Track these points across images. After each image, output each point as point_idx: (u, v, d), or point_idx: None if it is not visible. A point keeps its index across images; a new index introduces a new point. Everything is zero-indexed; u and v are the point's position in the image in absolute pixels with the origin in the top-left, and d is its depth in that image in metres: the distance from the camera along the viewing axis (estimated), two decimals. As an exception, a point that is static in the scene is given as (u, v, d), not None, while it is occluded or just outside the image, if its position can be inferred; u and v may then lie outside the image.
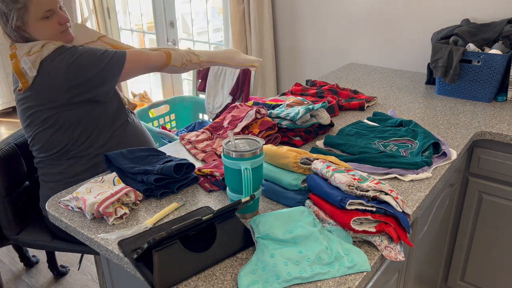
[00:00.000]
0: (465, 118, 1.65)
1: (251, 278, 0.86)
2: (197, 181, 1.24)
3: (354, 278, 0.88)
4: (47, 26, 1.41)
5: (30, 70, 1.36)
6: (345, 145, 1.37)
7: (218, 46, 3.40)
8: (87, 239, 1.05)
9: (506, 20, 1.83)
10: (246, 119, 1.46)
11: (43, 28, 1.40)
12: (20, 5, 1.35)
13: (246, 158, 0.99)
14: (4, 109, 4.44)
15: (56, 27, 1.42)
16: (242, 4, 2.72)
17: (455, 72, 1.78)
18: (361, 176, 1.00)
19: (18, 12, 1.36)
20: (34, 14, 1.37)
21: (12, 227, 1.63)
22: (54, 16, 1.42)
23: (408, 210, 0.98)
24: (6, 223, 1.63)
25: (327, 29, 2.53)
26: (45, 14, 1.39)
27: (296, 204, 1.08)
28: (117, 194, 1.09)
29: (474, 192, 1.68)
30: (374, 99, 1.83)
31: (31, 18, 1.38)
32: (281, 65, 2.85)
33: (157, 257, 0.86)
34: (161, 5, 3.41)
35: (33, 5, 1.36)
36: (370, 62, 2.45)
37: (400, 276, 1.24)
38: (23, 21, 1.38)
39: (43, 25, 1.40)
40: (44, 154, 1.50)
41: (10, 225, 1.63)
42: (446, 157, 1.33)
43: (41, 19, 1.39)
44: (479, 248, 1.76)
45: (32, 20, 1.38)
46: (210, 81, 2.74)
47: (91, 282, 2.22)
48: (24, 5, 1.36)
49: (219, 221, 0.95)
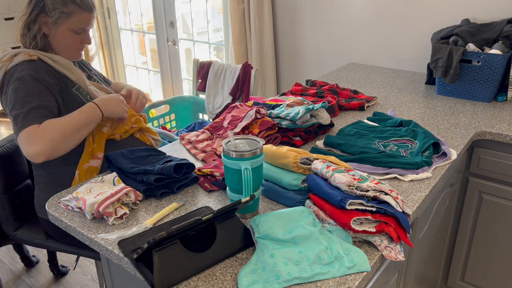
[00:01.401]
0: (465, 118, 1.65)
1: (251, 278, 0.86)
2: (197, 181, 1.24)
3: (354, 278, 0.88)
4: (71, 39, 1.47)
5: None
6: (345, 145, 1.37)
7: (218, 46, 3.40)
8: (87, 239, 1.05)
9: (506, 20, 1.83)
10: (246, 119, 1.46)
11: (66, 39, 1.46)
12: (66, 10, 1.41)
13: (246, 158, 0.99)
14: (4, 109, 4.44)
15: (77, 43, 1.49)
16: (242, 4, 2.72)
17: (455, 72, 1.78)
18: (361, 176, 1.00)
19: (61, 14, 1.41)
20: (71, 24, 1.44)
21: (10, 223, 1.66)
22: (82, 35, 1.49)
23: (408, 210, 0.98)
24: (4, 219, 1.66)
25: (327, 29, 2.53)
26: (78, 30, 1.46)
27: (296, 204, 1.08)
28: (117, 194, 1.09)
29: (474, 192, 1.68)
30: (374, 99, 1.83)
31: (65, 26, 1.43)
32: (281, 65, 2.85)
33: (157, 257, 0.86)
34: (161, 5, 3.41)
35: (76, 18, 1.43)
36: (370, 62, 2.45)
37: (400, 276, 1.24)
38: (57, 23, 1.42)
39: (69, 36, 1.46)
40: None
41: (8, 221, 1.66)
42: (446, 157, 1.33)
43: (72, 31, 1.45)
44: (479, 248, 1.76)
45: (64, 28, 1.44)
46: (210, 81, 2.74)
47: (91, 282, 2.22)
48: (70, 13, 1.42)
49: (219, 221, 0.95)
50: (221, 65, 2.70)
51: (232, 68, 2.63)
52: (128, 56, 4.12)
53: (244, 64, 2.54)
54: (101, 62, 4.20)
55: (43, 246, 1.66)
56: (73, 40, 1.47)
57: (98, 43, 4.10)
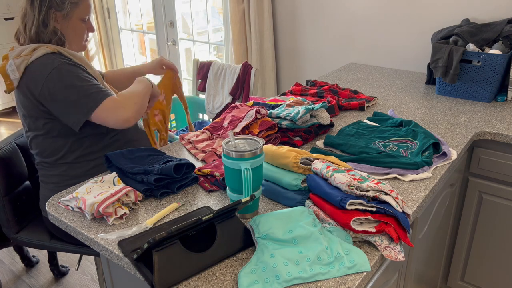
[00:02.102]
0: (465, 118, 1.65)
1: (251, 278, 0.86)
2: (197, 181, 1.24)
3: (354, 278, 0.88)
4: (81, 29, 1.51)
5: (13, 73, 1.38)
6: (345, 145, 1.37)
7: (218, 46, 3.40)
8: (87, 239, 1.05)
9: (506, 20, 1.83)
10: (246, 119, 1.46)
11: (78, 29, 1.50)
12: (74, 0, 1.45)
13: (246, 158, 0.99)
14: (4, 109, 4.44)
15: (85, 33, 1.54)
16: (242, 4, 2.72)
17: (455, 72, 1.78)
18: (361, 176, 1.00)
19: (71, 5, 1.44)
20: (80, 13, 1.48)
21: (11, 226, 1.64)
22: (88, 23, 1.54)
23: (408, 210, 0.98)
24: (5, 222, 1.63)
25: (327, 29, 2.53)
26: (85, 18, 1.51)
27: (296, 204, 1.08)
28: (117, 194, 1.09)
29: (474, 192, 1.68)
30: (374, 99, 1.83)
31: (76, 16, 1.48)
32: (281, 65, 2.85)
33: (157, 257, 0.86)
34: (161, 5, 3.41)
35: (83, 5, 1.48)
36: (370, 62, 2.45)
37: (400, 276, 1.24)
38: (68, 14, 1.45)
39: (80, 26, 1.51)
40: (42, 159, 1.50)
41: (9, 224, 1.64)
42: (446, 157, 1.33)
43: (81, 20, 1.50)
44: (479, 248, 1.76)
45: (76, 18, 1.48)
46: (210, 81, 2.74)
47: (91, 282, 2.22)
48: (77, 2, 1.46)
49: (219, 221, 0.95)
50: (221, 65, 2.70)
51: (232, 68, 2.62)
52: (128, 56, 4.12)
53: (244, 64, 2.54)
54: (101, 62, 4.20)
55: (46, 247, 1.64)
56: (82, 30, 1.52)
57: (98, 43, 4.10)
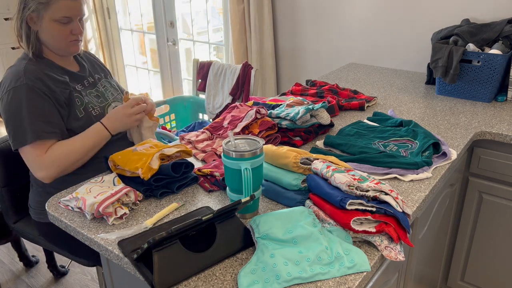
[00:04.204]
0: (465, 118, 1.65)
1: (251, 278, 0.86)
2: (197, 181, 1.24)
3: (354, 278, 0.88)
4: (58, 30, 1.41)
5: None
6: (345, 145, 1.37)
7: (218, 46, 3.40)
8: (87, 239, 1.05)
9: (506, 20, 1.83)
10: (246, 119, 1.46)
11: (54, 30, 1.40)
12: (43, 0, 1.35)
13: (246, 158, 0.99)
14: None
15: (67, 34, 1.43)
16: (242, 4, 2.72)
17: (455, 72, 1.78)
18: (361, 176, 1.00)
19: (38, 5, 1.36)
20: (52, 14, 1.38)
21: (9, 215, 1.73)
22: (70, 24, 1.42)
23: (408, 210, 0.98)
24: (4, 210, 1.72)
25: (327, 29, 2.53)
26: (62, 19, 1.39)
27: (296, 204, 1.08)
28: (117, 194, 1.09)
29: (474, 192, 1.68)
30: (374, 99, 1.83)
31: (47, 17, 1.38)
32: (281, 65, 2.84)
33: (157, 257, 0.86)
34: (161, 5, 3.41)
35: (56, 6, 1.37)
36: (370, 62, 2.45)
37: (400, 276, 1.24)
38: (39, 15, 1.38)
39: (56, 28, 1.40)
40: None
41: (7, 213, 1.73)
42: (446, 157, 1.33)
43: (56, 21, 1.39)
44: (479, 248, 1.76)
45: (47, 19, 1.38)
46: (210, 81, 2.74)
47: (91, 282, 2.22)
48: (47, 2, 1.36)
49: (219, 221, 0.95)
50: (221, 65, 2.70)
51: (232, 68, 2.63)
52: (128, 56, 4.12)
53: (244, 64, 2.54)
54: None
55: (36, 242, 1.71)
56: (60, 31, 1.41)
57: (98, 43, 4.10)
